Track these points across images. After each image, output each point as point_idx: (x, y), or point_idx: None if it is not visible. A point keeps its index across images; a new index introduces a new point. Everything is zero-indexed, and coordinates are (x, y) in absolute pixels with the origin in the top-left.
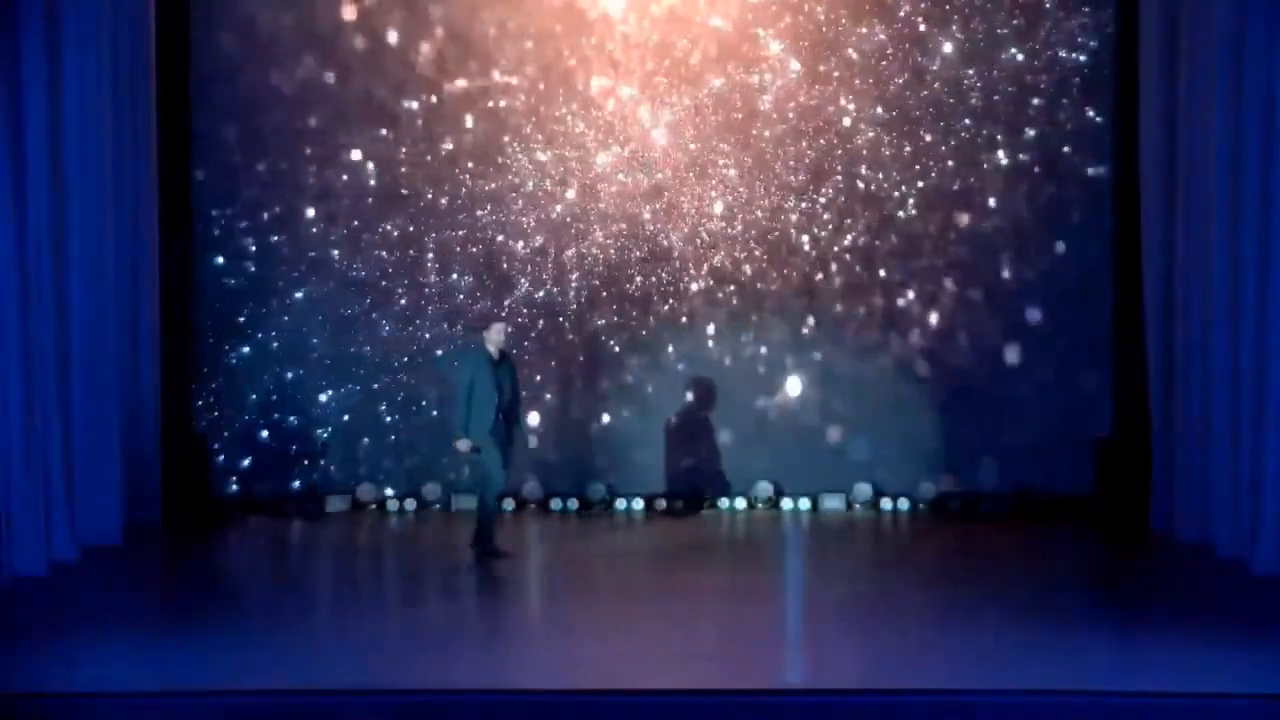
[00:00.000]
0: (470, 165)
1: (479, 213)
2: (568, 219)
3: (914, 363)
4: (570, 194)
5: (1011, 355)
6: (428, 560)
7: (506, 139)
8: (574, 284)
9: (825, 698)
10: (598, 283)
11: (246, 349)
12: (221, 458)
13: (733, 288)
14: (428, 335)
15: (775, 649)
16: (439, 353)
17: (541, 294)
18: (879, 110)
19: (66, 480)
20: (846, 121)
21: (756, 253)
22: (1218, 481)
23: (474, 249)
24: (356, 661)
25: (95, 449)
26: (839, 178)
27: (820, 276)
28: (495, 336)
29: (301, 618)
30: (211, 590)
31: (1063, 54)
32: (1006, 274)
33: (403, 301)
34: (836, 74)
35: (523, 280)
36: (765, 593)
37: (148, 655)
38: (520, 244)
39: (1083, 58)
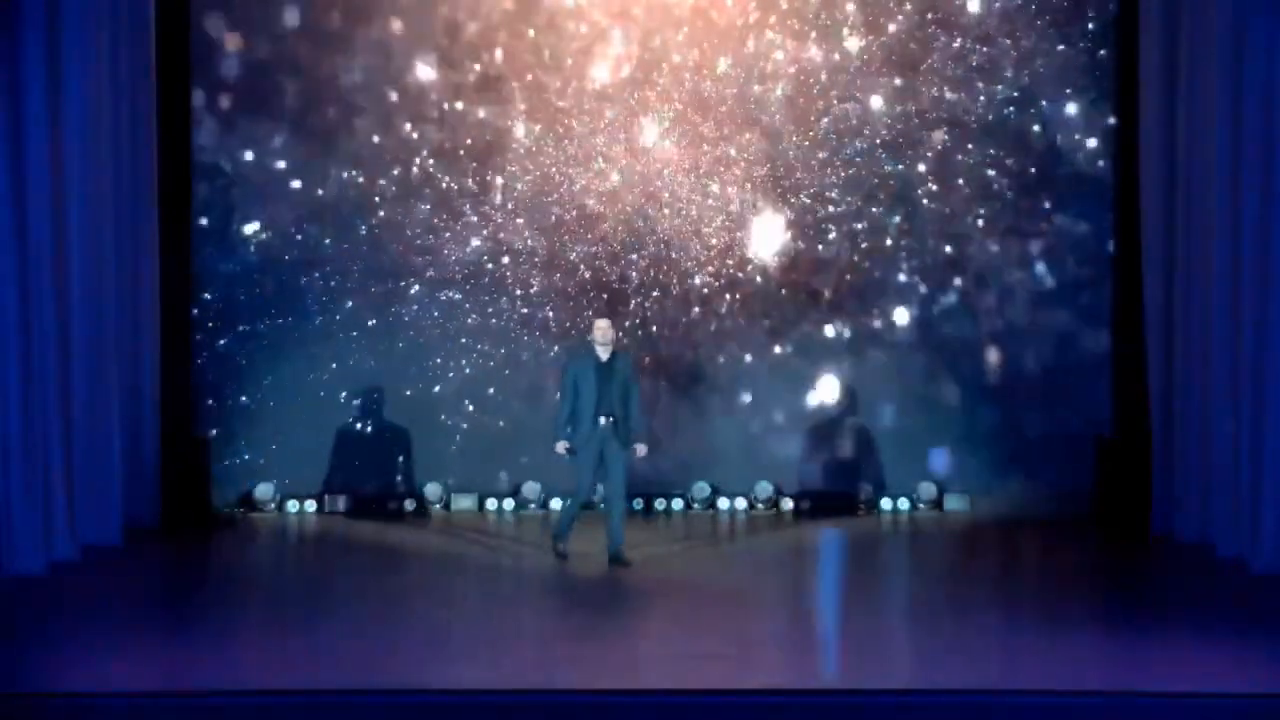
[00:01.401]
0: (471, 168)
1: (478, 213)
2: (565, 220)
3: (915, 363)
4: (567, 194)
5: (1012, 355)
6: (425, 560)
7: (506, 139)
8: (572, 288)
9: (826, 698)
10: (596, 287)
11: (247, 350)
12: (221, 458)
13: (738, 293)
14: (426, 338)
15: (781, 650)
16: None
17: (537, 299)
18: (877, 113)
19: (66, 480)
20: (849, 122)
21: (759, 254)
22: (1218, 481)
23: (473, 252)
24: (355, 662)
25: (95, 449)
26: (837, 181)
27: (819, 276)
28: (600, 336)
29: (302, 618)
30: (211, 591)
31: (1063, 54)
32: (1007, 274)
33: (402, 304)
34: (838, 73)
35: (520, 284)
36: (759, 596)
37: (148, 655)
38: (517, 247)
39: (1083, 58)
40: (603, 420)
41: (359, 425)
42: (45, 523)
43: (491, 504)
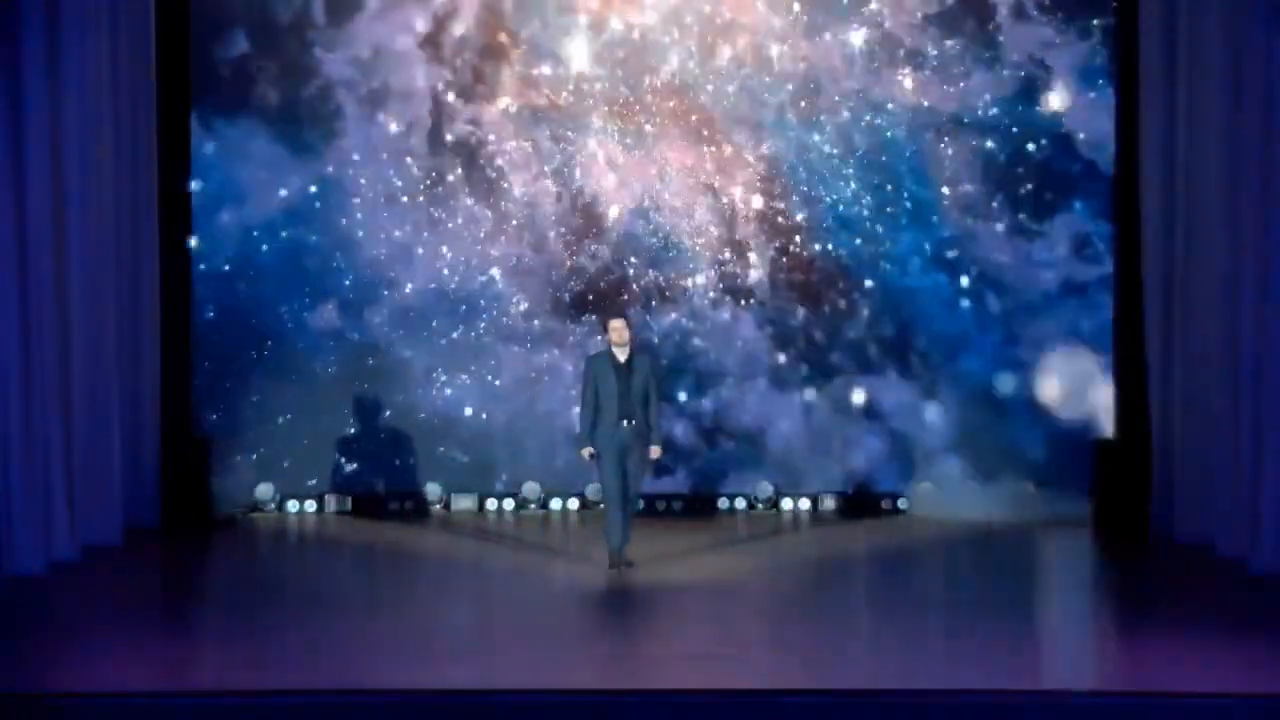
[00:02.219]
0: (467, 168)
1: (481, 216)
2: (560, 222)
3: (914, 365)
4: (562, 195)
5: (1013, 355)
6: (425, 560)
7: (499, 138)
8: (567, 292)
9: (825, 698)
10: (592, 290)
11: (247, 350)
12: (221, 458)
13: (740, 297)
14: (423, 338)
15: (781, 650)
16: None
17: (533, 301)
18: (875, 115)
19: (66, 480)
20: (853, 121)
21: (762, 257)
22: (1218, 482)
23: (469, 254)
24: (355, 662)
25: (95, 449)
26: (840, 181)
27: (822, 277)
28: (615, 337)
29: (302, 618)
30: (211, 591)
31: (1062, 55)
32: (1006, 275)
33: (400, 305)
34: (842, 69)
35: (522, 291)
36: (757, 595)
37: (148, 655)
38: (512, 249)
39: (1082, 58)
40: (624, 424)
41: (359, 425)
42: (45, 523)
43: (491, 504)
